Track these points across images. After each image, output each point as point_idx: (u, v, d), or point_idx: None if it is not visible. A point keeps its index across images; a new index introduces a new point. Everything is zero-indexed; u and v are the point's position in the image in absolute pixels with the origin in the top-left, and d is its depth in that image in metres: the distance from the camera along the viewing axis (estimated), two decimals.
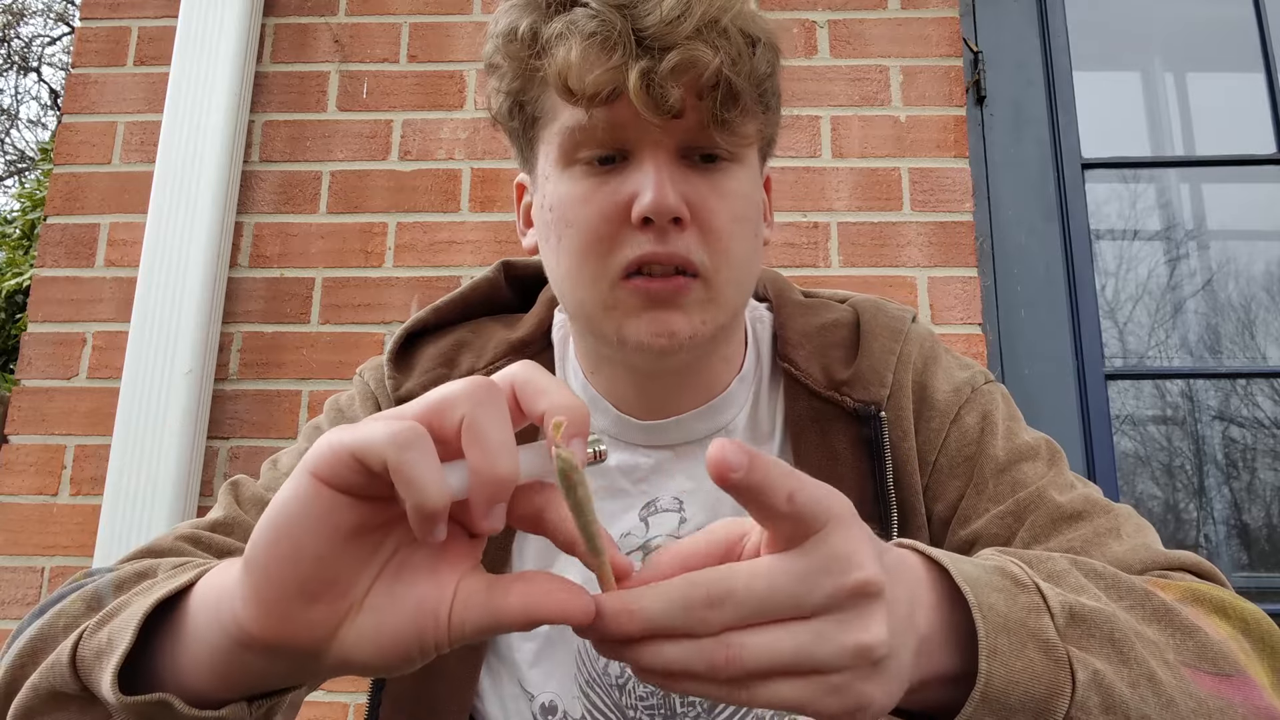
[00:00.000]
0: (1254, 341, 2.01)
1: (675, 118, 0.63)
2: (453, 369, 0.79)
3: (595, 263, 0.67)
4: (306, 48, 1.98)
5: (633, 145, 0.66)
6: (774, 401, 0.79)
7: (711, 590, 0.39)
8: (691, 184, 0.66)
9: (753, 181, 0.71)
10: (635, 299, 0.66)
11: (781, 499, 0.39)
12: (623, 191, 0.66)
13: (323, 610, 0.40)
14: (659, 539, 0.75)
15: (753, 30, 0.66)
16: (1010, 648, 0.44)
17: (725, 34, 0.63)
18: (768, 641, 0.39)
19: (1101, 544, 0.67)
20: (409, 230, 1.87)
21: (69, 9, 10.12)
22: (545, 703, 0.74)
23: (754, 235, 0.71)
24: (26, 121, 12.50)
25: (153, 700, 0.45)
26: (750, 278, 0.72)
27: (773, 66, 0.69)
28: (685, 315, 0.67)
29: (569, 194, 0.68)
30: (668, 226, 0.65)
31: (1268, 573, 1.94)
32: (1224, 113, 2.05)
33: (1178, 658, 0.50)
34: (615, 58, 0.62)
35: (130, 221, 1.88)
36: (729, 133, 0.65)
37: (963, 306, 1.77)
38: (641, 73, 0.61)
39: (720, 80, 0.63)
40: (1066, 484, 0.73)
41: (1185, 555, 0.67)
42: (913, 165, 1.85)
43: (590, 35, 0.62)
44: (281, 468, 0.78)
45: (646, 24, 0.62)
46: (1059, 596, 0.47)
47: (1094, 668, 0.45)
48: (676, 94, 0.62)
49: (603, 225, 0.66)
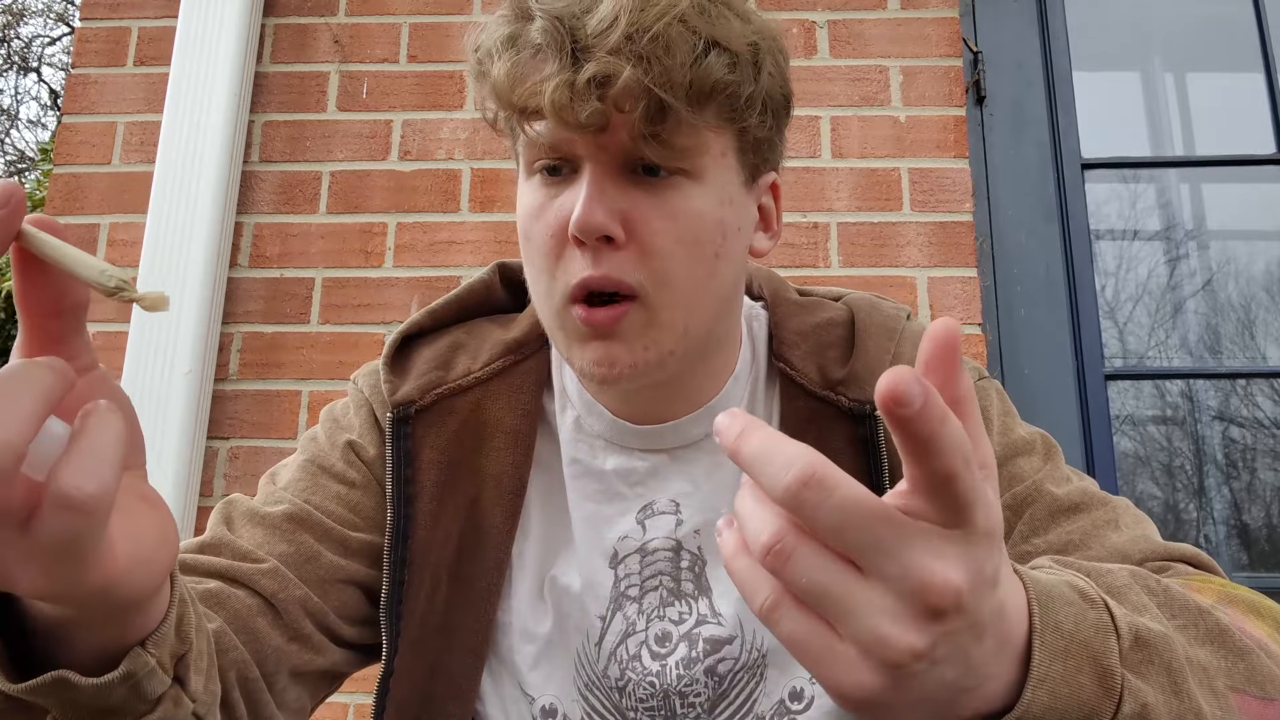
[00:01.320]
0: (1254, 341, 2.01)
1: (600, 131, 0.62)
2: (448, 370, 0.79)
3: (547, 280, 0.68)
4: (306, 48, 1.98)
5: (577, 155, 0.65)
6: (770, 401, 0.79)
7: (820, 472, 0.35)
8: (631, 199, 0.64)
9: (715, 198, 0.67)
10: (579, 328, 0.66)
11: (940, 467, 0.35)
12: (565, 207, 0.65)
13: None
14: (656, 541, 0.75)
15: (711, 34, 0.62)
16: (1063, 673, 0.41)
17: (656, 41, 0.60)
18: (820, 563, 0.37)
19: (1100, 536, 0.67)
20: (409, 230, 1.87)
21: (69, 9, 10.12)
22: (545, 705, 0.74)
23: (712, 255, 0.67)
24: (26, 121, 12.50)
25: (49, 681, 0.44)
26: (708, 298, 0.68)
27: (740, 71, 0.64)
28: (625, 345, 0.66)
29: (527, 206, 0.69)
30: (600, 245, 0.64)
31: (1268, 573, 1.94)
32: (1224, 113, 2.05)
33: (1227, 683, 0.49)
34: (544, 71, 0.61)
35: (130, 221, 1.88)
36: (661, 146, 0.62)
37: (962, 306, 1.77)
38: (557, 85, 0.60)
39: (642, 92, 0.60)
40: (1063, 477, 0.73)
41: (1184, 547, 0.67)
42: (912, 165, 1.85)
43: (526, 48, 0.62)
44: (279, 482, 0.77)
45: (579, 36, 0.61)
46: (1126, 617, 0.45)
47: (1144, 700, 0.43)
48: (594, 107, 0.60)
49: (549, 242, 0.66)
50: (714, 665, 0.72)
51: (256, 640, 0.67)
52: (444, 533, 0.75)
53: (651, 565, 0.75)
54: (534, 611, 0.76)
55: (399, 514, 0.74)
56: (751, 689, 0.72)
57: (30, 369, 0.37)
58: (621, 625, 0.74)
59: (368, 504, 0.76)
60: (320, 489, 0.76)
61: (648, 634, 0.74)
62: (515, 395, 0.78)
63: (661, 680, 0.73)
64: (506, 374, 0.79)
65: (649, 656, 0.73)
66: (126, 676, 0.46)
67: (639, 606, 0.74)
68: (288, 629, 0.69)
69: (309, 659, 0.71)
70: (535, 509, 0.78)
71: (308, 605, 0.70)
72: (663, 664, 0.73)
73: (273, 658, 0.67)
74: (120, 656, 0.46)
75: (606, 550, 0.75)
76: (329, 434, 0.79)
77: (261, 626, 0.67)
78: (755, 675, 0.73)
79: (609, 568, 0.75)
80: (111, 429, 0.38)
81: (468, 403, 0.77)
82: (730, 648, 0.73)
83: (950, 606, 0.36)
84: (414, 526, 0.74)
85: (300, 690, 0.71)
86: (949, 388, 0.38)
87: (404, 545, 0.74)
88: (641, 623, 0.74)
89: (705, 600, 0.74)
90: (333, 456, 0.77)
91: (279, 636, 0.68)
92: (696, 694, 0.72)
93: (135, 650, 0.46)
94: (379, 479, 0.77)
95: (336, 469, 0.77)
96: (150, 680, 0.47)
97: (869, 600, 0.36)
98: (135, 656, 0.46)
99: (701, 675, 0.72)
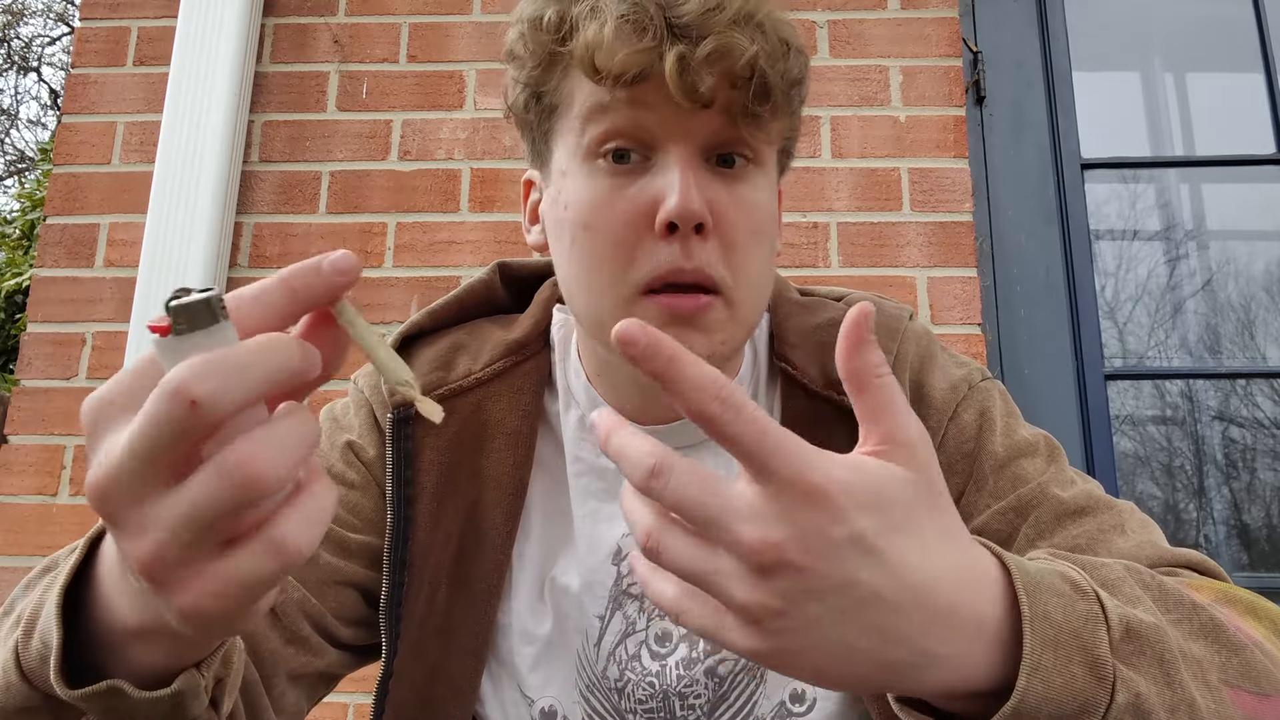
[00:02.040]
0: (1254, 341, 2.01)
1: (705, 107, 0.62)
2: (449, 371, 0.78)
3: (613, 271, 0.65)
4: (306, 48, 1.98)
5: (655, 140, 0.64)
6: (771, 401, 0.79)
7: (661, 462, 0.40)
8: (714, 190, 0.65)
9: (770, 191, 0.70)
10: (656, 314, 0.64)
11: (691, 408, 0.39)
12: (645, 194, 0.64)
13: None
14: None
15: (785, 34, 0.66)
16: (1055, 663, 0.42)
17: (761, 29, 0.63)
18: (683, 545, 0.41)
19: (1106, 540, 0.67)
20: (408, 230, 1.87)
21: (69, 9, 10.12)
22: (545, 707, 0.74)
23: (770, 249, 0.69)
24: (26, 121, 12.51)
25: (102, 690, 0.45)
26: (765, 296, 0.71)
27: (803, 73, 0.68)
28: (706, 335, 0.65)
29: (588, 194, 0.66)
30: (691, 235, 0.63)
31: (1268, 573, 1.94)
32: (1224, 113, 2.05)
33: (1221, 677, 0.49)
34: (647, 39, 0.61)
35: (130, 221, 1.88)
36: (757, 128, 0.64)
37: (962, 307, 1.77)
38: (678, 56, 0.60)
39: (755, 71, 0.62)
40: (1067, 480, 0.72)
41: (1190, 553, 0.67)
42: (912, 165, 1.85)
43: (621, 16, 0.62)
44: None
45: (682, 11, 0.61)
46: (1117, 609, 0.45)
47: (1137, 690, 0.44)
48: (710, 81, 0.61)
49: (623, 232, 0.64)
50: (714, 666, 0.72)
51: (255, 643, 0.66)
52: (444, 534, 0.74)
53: None
54: (533, 613, 0.76)
55: (399, 515, 0.74)
56: (752, 690, 0.72)
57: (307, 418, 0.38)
58: (621, 625, 0.74)
59: (366, 505, 0.76)
60: None
61: (648, 633, 0.74)
62: (516, 396, 0.78)
63: (661, 680, 0.72)
64: (507, 375, 0.79)
65: (649, 656, 0.73)
66: (176, 695, 0.46)
67: (640, 605, 0.74)
68: (286, 631, 0.69)
69: (306, 661, 0.70)
70: (536, 510, 0.77)
71: (306, 607, 0.70)
72: (662, 664, 0.73)
73: (270, 660, 0.67)
74: (168, 673, 0.46)
75: (609, 547, 0.75)
76: (328, 434, 0.79)
77: (260, 629, 0.67)
78: (755, 676, 0.72)
79: (611, 565, 0.75)
80: (330, 496, 0.39)
81: (468, 404, 0.77)
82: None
83: (773, 563, 0.39)
84: (414, 528, 0.74)
85: (297, 693, 0.71)
86: (854, 358, 0.43)
87: (404, 547, 0.74)
88: (642, 621, 0.74)
89: None
90: (332, 457, 0.77)
91: (277, 639, 0.68)
92: (696, 695, 0.72)
93: (190, 671, 0.47)
94: (378, 480, 0.77)
95: (335, 469, 0.77)
96: (194, 701, 0.48)
97: (721, 568, 0.40)
98: (190, 676, 0.47)
99: (701, 676, 0.72)
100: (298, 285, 0.39)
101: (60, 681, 0.45)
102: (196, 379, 0.34)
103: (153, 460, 0.35)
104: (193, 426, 0.35)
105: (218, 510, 0.35)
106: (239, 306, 0.38)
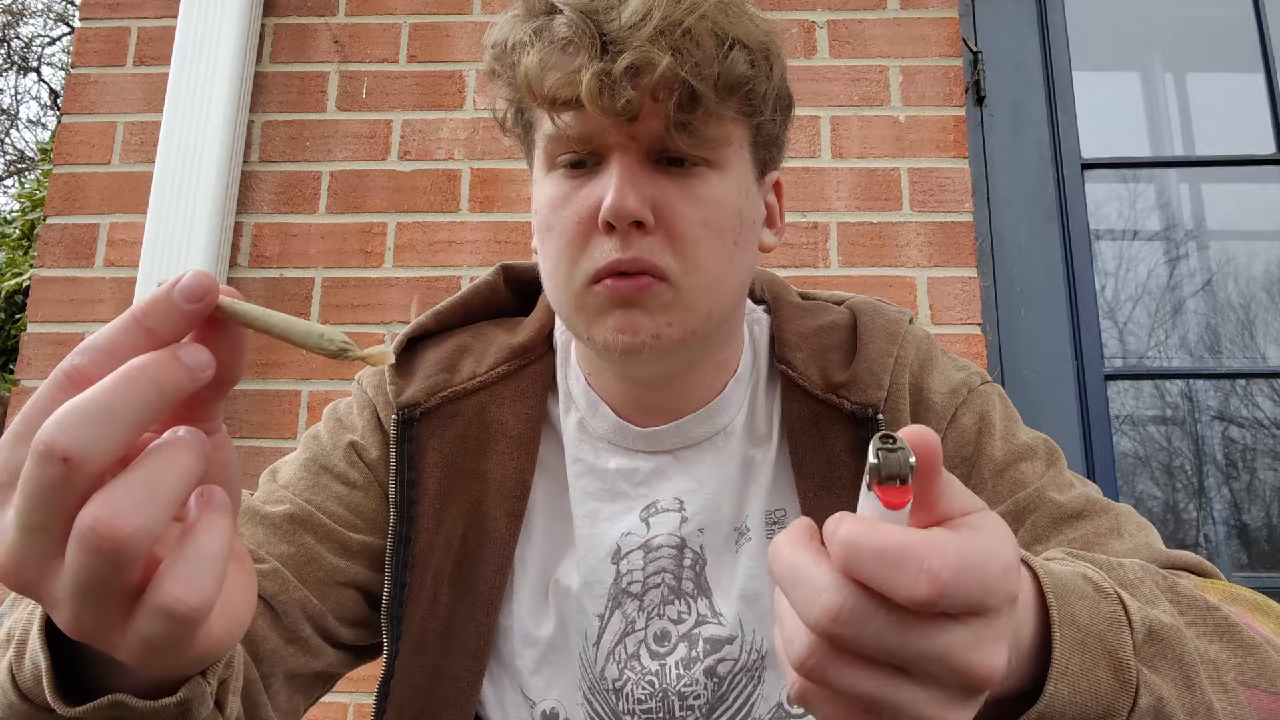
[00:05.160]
0: (1254, 342, 2.01)
1: (632, 120, 0.64)
2: (454, 373, 0.79)
3: (568, 265, 0.68)
4: (306, 48, 1.98)
5: (602, 147, 0.67)
6: (771, 403, 0.79)
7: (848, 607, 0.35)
8: (659, 186, 0.67)
9: (735, 188, 0.70)
10: (602, 299, 0.67)
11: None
12: (591, 197, 0.67)
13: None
14: (660, 537, 0.75)
15: (733, 32, 0.65)
16: (1081, 667, 0.42)
17: (688, 35, 0.63)
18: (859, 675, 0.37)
19: (1103, 543, 0.67)
20: (408, 230, 1.87)
21: (69, 9, 10.11)
22: (547, 710, 0.74)
23: (732, 242, 0.69)
24: (26, 121, 12.50)
25: (104, 704, 0.44)
26: (728, 284, 0.71)
27: (758, 68, 0.67)
28: (650, 315, 0.67)
29: (548, 199, 0.70)
30: (629, 230, 0.65)
31: (1268, 573, 1.94)
32: (1224, 113, 2.05)
33: (1237, 677, 0.49)
34: (576, 62, 0.63)
35: (130, 221, 1.88)
36: (690, 136, 0.65)
37: (962, 307, 1.77)
38: (595, 74, 0.62)
39: (677, 82, 0.62)
40: (1066, 483, 0.72)
41: (1187, 555, 0.67)
42: (912, 165, 1.85)
43: (554, 41, 0.64)
44: (280, 480, 0.77)
45: (608, 29, 0.63)
46: (1139, 611, 0.45)
47: (1159, 694, 0.44)
48: (630, 95, 0.62)
49: (574, 229, 0.68)
50: (714, 666, 0.72)
51: (254, 642, 0.66)
52: (446, 536, 0.75)
53: (655, 561, 0.75)
54: (535, 615, 0.76)
55: (402, 516, 0.74)
56: (750, 692, 0.72)
57: (176, 452, 0.36)
58: (620, 624, 0.74)
59: (369, 505, 0.76)
60: (322, 489, 0.76)
61: (647, 632, 0.74)
62: (519, 399, 0.78)
63: (661, 680, 0.73)
64: (511, 378, 0.79)
65: (648, 655, 0.73)
66: (182, 703, 0.46)
67: (639, 604, 0.74)
68: (286, 631, 0.69)
69: (305, 661, 0.70)
70: (539, 513, 0.78)
71: (306, 607, 0.70)
72: (661, 663, 0.73)
73: (269, 659, 0.67)
74: (172, 682, 0.46)
75: (609, 547, 0.75)
76: (332, 433, 0.79)
77: (260, 628, 0.67)
78: (753, 677, 0.73)
79: (611, 564, 0.75)
80: (220, 535, 0.36)
81: (472, 406, 0.77)
82: (730, 648, 0.73)
83: (993, 684, 0.36)
84: (417, 529, 0.74)
85: (294, 692, 0.71)
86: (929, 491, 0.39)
87: (406, 548, 0.74)
88: (641, 620, 0.74)
89: (705, 600, 0.74)
90: (335, 456, 0.77)
91: (277, 639, 0.68)
92: (696, 695, 0.72)
93: (195, 679, 0.47)
94: (381, 481, 0.77)
95: (338, 469, 0.77)
96: (200, 706, 0.48)
97: (914, 696, 0.36)
98: (195, 685, 0.47)
99: (701, 675, 0.72)
100: (153, 324, 0.36)
101: (58, 700, 0.45)
102: (63, 431, 0.33)
103: (45, 530, 0.34)
104: (74, 485, 0.33)
105: (92, 580, 0.34)
106: (94, 360, 0.36)
